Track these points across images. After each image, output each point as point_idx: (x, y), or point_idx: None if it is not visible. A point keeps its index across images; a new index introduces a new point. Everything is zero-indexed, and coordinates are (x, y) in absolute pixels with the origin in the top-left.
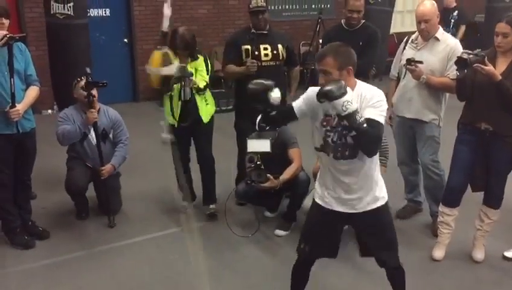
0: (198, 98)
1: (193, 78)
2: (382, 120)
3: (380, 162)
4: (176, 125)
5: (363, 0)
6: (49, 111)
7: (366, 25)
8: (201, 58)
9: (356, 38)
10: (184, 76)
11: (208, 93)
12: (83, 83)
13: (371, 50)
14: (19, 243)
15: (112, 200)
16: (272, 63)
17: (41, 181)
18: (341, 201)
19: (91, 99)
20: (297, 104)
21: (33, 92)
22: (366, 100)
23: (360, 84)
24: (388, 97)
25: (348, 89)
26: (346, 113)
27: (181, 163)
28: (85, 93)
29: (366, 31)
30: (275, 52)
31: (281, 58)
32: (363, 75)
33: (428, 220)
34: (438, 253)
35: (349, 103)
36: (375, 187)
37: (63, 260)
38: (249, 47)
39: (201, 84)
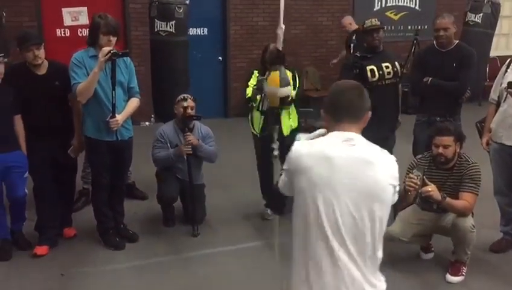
0: (282, 112)
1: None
2: None
3: (471, 189)
4: (258, 135)
5: (449, 19)
6: (147, 123)
7: (461, 45)
8: (289, 74)
9: (450, 59)
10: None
11: (293, 108)
12: (185, 103)
13: (465, 72)
14: (111, 244)
15: (196, 210)
16: (393, 80)
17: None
18: None
19: (186, 132)
20: None
21: (134, 103)
22: None
23: None
24: (487, 121)
25: None
26: None
27: (264, 171)
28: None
29: (460, 52)
30: (394, 69)
31: (400, 75)
32: (457, 97)
33: None
34: None
35: None
36: None
37: (149, 263)
38: (373, 67)
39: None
